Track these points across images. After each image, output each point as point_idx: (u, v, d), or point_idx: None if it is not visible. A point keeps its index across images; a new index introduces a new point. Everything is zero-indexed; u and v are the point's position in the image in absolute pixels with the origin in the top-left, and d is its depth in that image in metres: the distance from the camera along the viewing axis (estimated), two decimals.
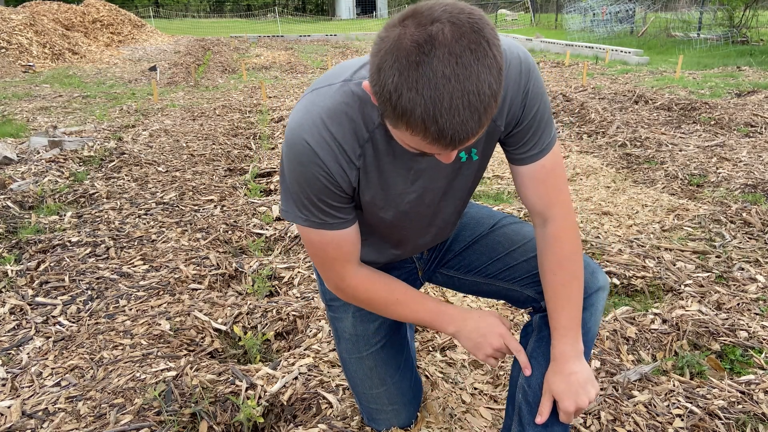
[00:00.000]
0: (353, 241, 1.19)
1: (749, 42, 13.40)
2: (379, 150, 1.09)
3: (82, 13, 17.41)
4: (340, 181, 1.08)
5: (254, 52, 15.70)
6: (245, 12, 43.81)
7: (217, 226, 3.22)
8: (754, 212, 3.26)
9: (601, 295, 1.34)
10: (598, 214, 3.44)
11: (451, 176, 1.20)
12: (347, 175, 1.09)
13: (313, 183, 1.07)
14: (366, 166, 1.10)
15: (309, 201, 1.10)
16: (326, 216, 1.12)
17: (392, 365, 1.54)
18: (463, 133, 0.82)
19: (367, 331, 1.50)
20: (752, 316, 2.25)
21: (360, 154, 1.08)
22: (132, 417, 1.70)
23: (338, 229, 1.15)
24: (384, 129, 1.07)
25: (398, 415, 1.61)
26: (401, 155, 1.10)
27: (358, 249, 1.22)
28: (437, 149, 0.87)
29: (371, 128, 1.07)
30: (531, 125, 1.14)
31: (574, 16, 20.37)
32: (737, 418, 1.68)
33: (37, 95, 8.35)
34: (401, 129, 0.86)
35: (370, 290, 1.26)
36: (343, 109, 1.05)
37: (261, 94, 8.08)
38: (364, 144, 1.08)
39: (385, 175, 1.13)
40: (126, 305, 2.39)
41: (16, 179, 4.02)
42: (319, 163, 1.05)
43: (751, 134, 5.18)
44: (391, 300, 1.26)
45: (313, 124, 1.04)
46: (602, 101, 6.89)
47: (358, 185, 1.13)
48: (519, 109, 1.12)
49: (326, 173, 1.06)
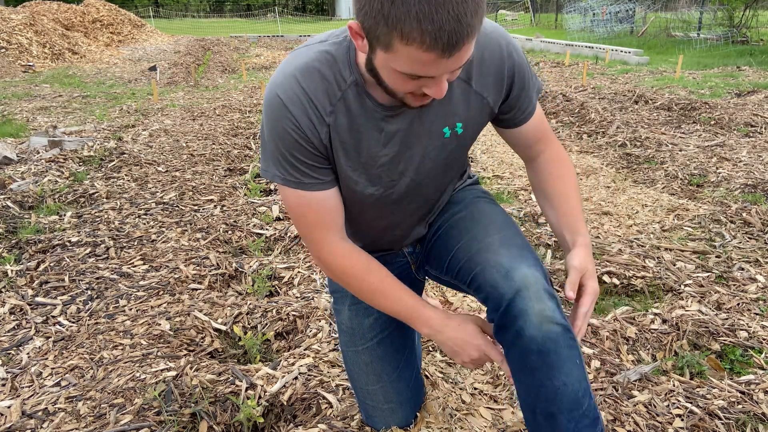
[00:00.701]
0: (332, 207, 1.19)
1: (749, 42, 13.40)
2: (351, 110, 1.11)
3: (82, 13, 17.40)
4: (310, 136, 1.09)
5: (254, 52, 15.70)
6: (245, 12, 43.81)
7: (217, 226, 3.22)
8: (754, 212, 3.26)
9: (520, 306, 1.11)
10: (598, 214, 3.44)
11: (428, 146, 1.19)
12: (317, 131, 1.10)
13: (285, 137, 1.09)
14: (337, 126, 1.11)
15: (283, 157, 1.11)
16: (301, 174, 1.13)
17: (390, 363, 1.53)
18: (460, 30, 0.83)
19: (362, 325, 1.50)
20: (752, 316, 2.25)
21: (331, 111, 1.10)
22: (132, 417, 1.70)
23: (315, 190, 1.15)
24: (356, 89, 1.09)
25: (394, 413, 1.60)
26: (373, 115, 1.12)
27: (338, 217, 1.21)
28: (433, 61, 0.87)
29: (343, 87, 1.09)
30: (519, 95, 1.21)
31: (574, 16, 20.38)
32: (737, 418, 1.68)
33: (36, 95, 8.35)
34: (394, 44, 0.86)
35: (347, 267, 1.22)
36: (316, 66, 1.08)
37: (261, 94, 8.08)
38: (336, 102, 1.09)
39: (357, 135, 1.13)
40: (126, 305, 2.39)
41: (16, 179, 4.02)
42: (290, 117, 1.07)
43: (751, 134, 5.18)
44: (367, 284, 1.23)
45: (286, 80, 1.08)
46: (602, 101, 6.89)
47: (330, 145, 1.13)
48: (506, 87, 1.18)
49: (296, 127, 1.08)
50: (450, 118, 1.17)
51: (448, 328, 1.23)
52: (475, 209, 1.34)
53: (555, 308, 1.11)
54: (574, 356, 1.11)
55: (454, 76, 0.98)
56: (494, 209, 1.35)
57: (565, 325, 1.11)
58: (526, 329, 1.09)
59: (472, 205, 1.36)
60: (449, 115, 1.17)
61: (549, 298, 1.11)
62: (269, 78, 8.38)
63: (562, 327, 1.10)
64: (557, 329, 1.09)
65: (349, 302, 1.50)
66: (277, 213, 3.47)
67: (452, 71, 0.95)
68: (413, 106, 1.06)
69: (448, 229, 1.34)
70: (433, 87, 0.96)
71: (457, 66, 0.91)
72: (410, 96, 1.02)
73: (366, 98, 1.10)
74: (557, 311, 1.11)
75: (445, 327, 1.23)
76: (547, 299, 1.11)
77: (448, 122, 1.17)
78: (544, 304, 1.10)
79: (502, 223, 1.29)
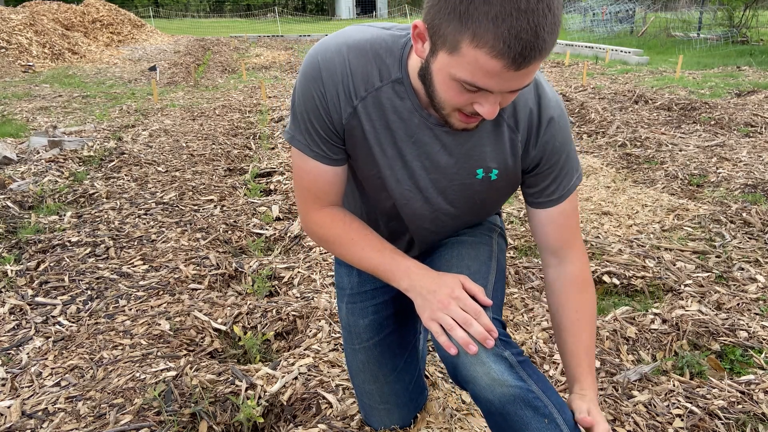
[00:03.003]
0: (331, 183, 1.16)
1: (749, 42, 13.41)
2: (384, 105, 1.06)
3: (82, 12, 17.40)
4: (331, 110, 1.07)
5: (254, 52, 15.69)
6: (245, 12, 43.81)
7: (217, 226, 3.22)
8: (754, 212, 3.26)
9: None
10: (598, 214, 3.44)
11: (455, 176, 1.13)
12: (340, 109, 1.07)
13: (309, 101, 1.07)
14: (368, 114, 1.07)
15: (302, 119, 1.09)
16: (310, 141, 1.11)
17: (387, 366, 1.52)
18: (536, 44, 0.79)
19: (357, 325, 1.49)
20: (752, 316, 2.25)
21: (363, 97, 1.06)
22: (132, 417, 1.70)
23: (319, 161, 1.13)
24: (397, 86, 1.05)
25: (390, 414, 1.60)
26: (409, 118, 1.07)
27: (333, 194, 1.18)
28: (497, 72, 0.83)
29: (386, 79, 1.05)
30: (552, 170, 1.14)
31: (574, 16, 20.38)
32: (737, 418, 1.68)
33: (36, 95, 8.35)
34: (462, 46, 0.82)
35: (327, 226, 1.20)
36: (367, 48, 1.04)
37: (261, 94, 8.08)
38: (371, 91, 1.06)
39: (387, 132, 1.09)
40: (126, 305, 2.39)
41: (15, 179, 4.02)
42: (320, 84, 1.05)
43: (751, 134, 5.18)
44: (346, 239, 1.18)
45: (332, 48, 1.05)
46: (602, 101, 6.90)
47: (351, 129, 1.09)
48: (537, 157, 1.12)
49: (322, 95, 1.06)
50: (488, 162, 1.11)
51: (427, 277, 1.12)
52: (456, 251, 1.25)
53: (504, 370, 1.03)
54: (541, 416, 1.04)
55: (507, 101, 0.93)
56: (476, 253, 1.24)
57: (520, 385, 1.03)
58: (479, 393, 1.05)
59: (458, 246, 1.27)
60: (488, 158, 1.11)
61: (495, 361, 1.03)
62: (269, 78, 8.34)
63: (518, 388, 1.03)
64: (512, 391, 1.03)
65: (346, 299, 1.50)
66: (277, 213, 3.47)
67: (510, 92, 0.90)
68: (457, 127, 1.01)
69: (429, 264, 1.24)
70: (485, 105, 0.91)
71: (519, 86, 0.87)
72: (457, 114, 0.97)
73: (407, 98, 1.06)
74: (508, 372, 1.03)
75: (425, 276, 1.12)
76: (492, 362, 1.03)
77: (485, 165, 1.11)
78: (489, 367, 1.02)
79: (473, 272, 1.19)
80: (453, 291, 1.08)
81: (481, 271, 1.20)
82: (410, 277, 1.13)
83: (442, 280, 1.10)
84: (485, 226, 1.35)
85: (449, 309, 1.06)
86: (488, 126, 1.08)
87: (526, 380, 1.05)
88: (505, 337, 1.08)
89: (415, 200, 1.17)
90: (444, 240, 1.32)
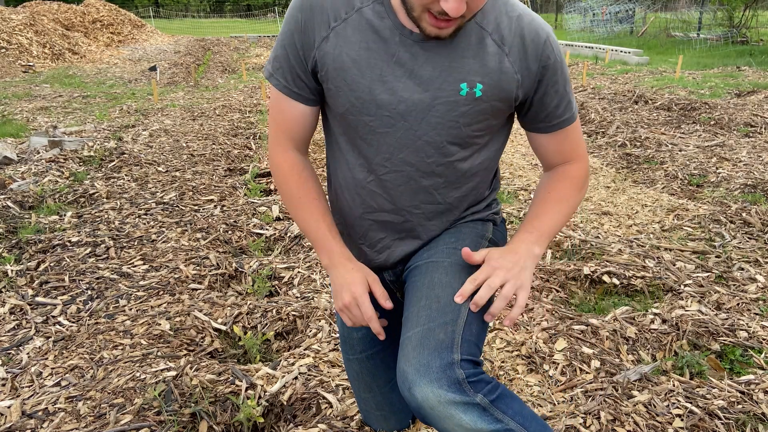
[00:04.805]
0: (299, 120, 1.19)
1: (749, 42, 13.41)
2: (363, 26, 1.08)
3: (82, 13, 17.41)
4: (304, 33, 1.10)
5: (254, 52, 15.70)
6: (245, 12, 43.80)
7: (217, 226, 3.22)
8: (754, 212, 3.26)
9: None
10: (598, 214, 3.44)
11: (439, 94, 1.08)
12: (314, 35, 1.10)
13: (285, 25, 1.12)
14: (346, 37, 1.09)
15: (280, 47, 1.14)
16: (284, 78, 1.15)
17: (381, 378, 1.51)
18: None
19: (351, 337, 1.47)
20: (752, 316, 2.25)
21: (344, 19, 1.08)
22: (132, 417, 1.70)
23: (291, 98, 1.17)
24: (377, 6, 1.07)
25: (387, 420, 1.61)
26: (390, 36, 1.07)
27: (302, 131, 1.21)
28: None
29: (365, 2, 1.08)
30: (548, 92, 1.14)
31: (574, 16, 20.39)
32: (737, 418, 1.68)
33: (37, 95, 8.35)
34: None
35: (285, 175, 1.23)
36: None
37: (261, 94, 8.08)
38: (351, 13, 1.08)
39: (366, 54, 1.09)
40: (126, 305, 2.39)
41: (16, 179, 4.02)
42: (300, 8, 1.10)
43: (751, 134, 5.18)
44: (295, 196, 1.22)
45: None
46: (602, 101, 6.90)
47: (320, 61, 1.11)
48: (537, 75, 1.11)
49: (297, 20, 1.10)
50: (471, 75, 1.07)
51: (341, 267, 1.20)
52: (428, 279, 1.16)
53: (476, 417, 1.00)
54: None
55: (475, 1, 0.95)
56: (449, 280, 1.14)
57: (496, 428, 1.01)
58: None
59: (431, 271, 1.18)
60: (471, 71, 1.08)
61: (463, 411, 0.99)
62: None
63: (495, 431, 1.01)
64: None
65: None
66: (277, 213, 3.47)
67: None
68: (429, 32, 1.00)
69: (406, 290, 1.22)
70: (450, 0, 0.91)
71: None
72: (428, 17, 0.97)
73: (386, 17, 1.07)
74: (481, 419, 1.00)
75: (339, 265, 1.20)
76: (461, 413, 0.99)
77: (468, 78, 1.07)
78: (457, 419, 0.99)
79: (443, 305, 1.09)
80: (355, 292, 1.17)
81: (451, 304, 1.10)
82: (330, 259, 1.21)
83: (351, 278, 1.19)
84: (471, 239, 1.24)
85: (349, 310, 1.19)
86: (471, 39, 1.07)
87: (503, 419, 1.02)
88: (473, 377, 1.02)
89: (398, 127, 1.12)
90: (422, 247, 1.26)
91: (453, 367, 1.00)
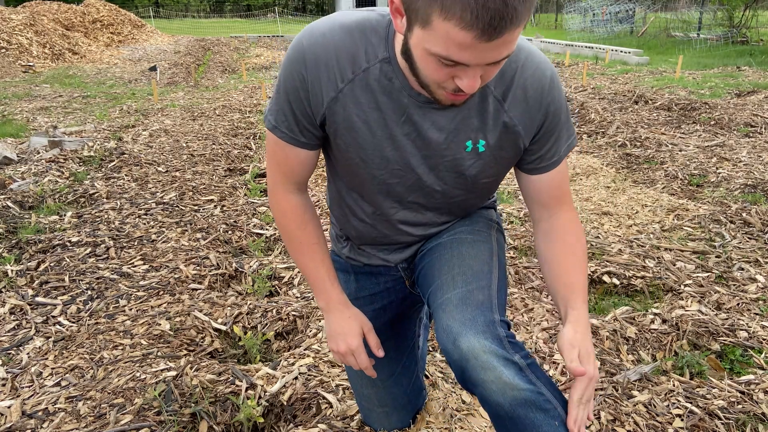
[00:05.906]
0: (303, 163, 1.17)
1: (749, 42, 13.42)
2: (372, 86, 1.05)
3: (82, 13, 17.41)
4: (311, 94, 1.05)
5: (254, 52, 15.70)
6: (245, 12, 43.81)
7: (217, 226, 3.22)
8: (754, 212, 3.26)
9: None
10: (598, 214, 3.44)
11: (445, 153, 1.11)
12: (322, 93, 1.05)
13: (289, 84, 1.06)
14: (355, 97, 1.06)
15: (284, 101, 1.09)
16: (287, 128, 1.11)
17: (384, 371, 1.51)
18: (505, 12, 0.76)
19: None
20: (752, 316, 2.25)
21: (350, 80, 1.04)
22: (132, 417, 1.70)
23: (293, 144, 1.14)
24: (384, 66, 1.03)
25: (389, 417, 1.61)
26: (399, 97, 1.06)
27: (302, 174, 1.19)
28: (469, 44, 0.80)
29: (372, 61, 1.03)
30: (548, 138, 1.13)
31: (574, 16, 20.40)
32: (737, 418, 1.68)
33: (37, 95, 8.35)
34: (432, 19, 0.81)
35: (287, 217, 1.23)
36: (351, 29, 1.03)
37: (261, 94, 8.08)
38: (358, 73, 1.04)
39: (376, 113, 1.07)
40: (126, 305, 2.39)
41: (16, 179, 4.02)
42: (303, 66, 1.04)
43: (751, 134, 5.18)
44: (296, 240, 1.24)
45: (319, 31, 1.04)
46: (602, 101, 6.90)
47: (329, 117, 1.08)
48: (538, 124, 1.11)
49: (302, 79, 1.05)
50: (474, 132, 1.09)
51: (338, 313, 1.25)
52: (456, 251, 1.23)
53: (515, 374, 1.02)
54: (551, 418, 1.04)
55: (489, 74, 0.91)
56: (476, 252, 1.22)
57: (530, 388, 1.03)
58: (489, 397, 1.03)
59: (457, 245, 1.25)
60: (474, 128, 1.09)
61: (504, 365, 1.02)
62: (269, 78, 8.29)
63: (529, 391, 1.02)
64: (523, 394, 1.02)
65: None
66: None
67: (489, 65, 0.87)
68: (444, 103, 1.00)
69: (428, 265, 1.26)
70: (465, 79, 0.88)
71: (495, 57, 0.84)
72: (442, 91, 0.95)
73: (395, 78, 1.03)
74: (518, 376, 1.02)
75: (336, 311, 1.25)
76: (501, 366, 1.02)
77: (472, 135, 1.09)
78: (498, 371, 1.01)
79: (476, 272, 1.17)
80: (351, 344, 1.24)
81: (484, 271, 1.18)
82: (327, 304, 1.25)
83: (347, 326, 1.24)
84: (483, 221, 1.31)
85: (344, 358, 1.26)
86: (476, 97, 1.06)
87: (536, 383, 1.04)
88: (512, 338, 1.07)
89: (407, 178, 1.16)
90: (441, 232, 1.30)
91: (495, 324, 1.07)
